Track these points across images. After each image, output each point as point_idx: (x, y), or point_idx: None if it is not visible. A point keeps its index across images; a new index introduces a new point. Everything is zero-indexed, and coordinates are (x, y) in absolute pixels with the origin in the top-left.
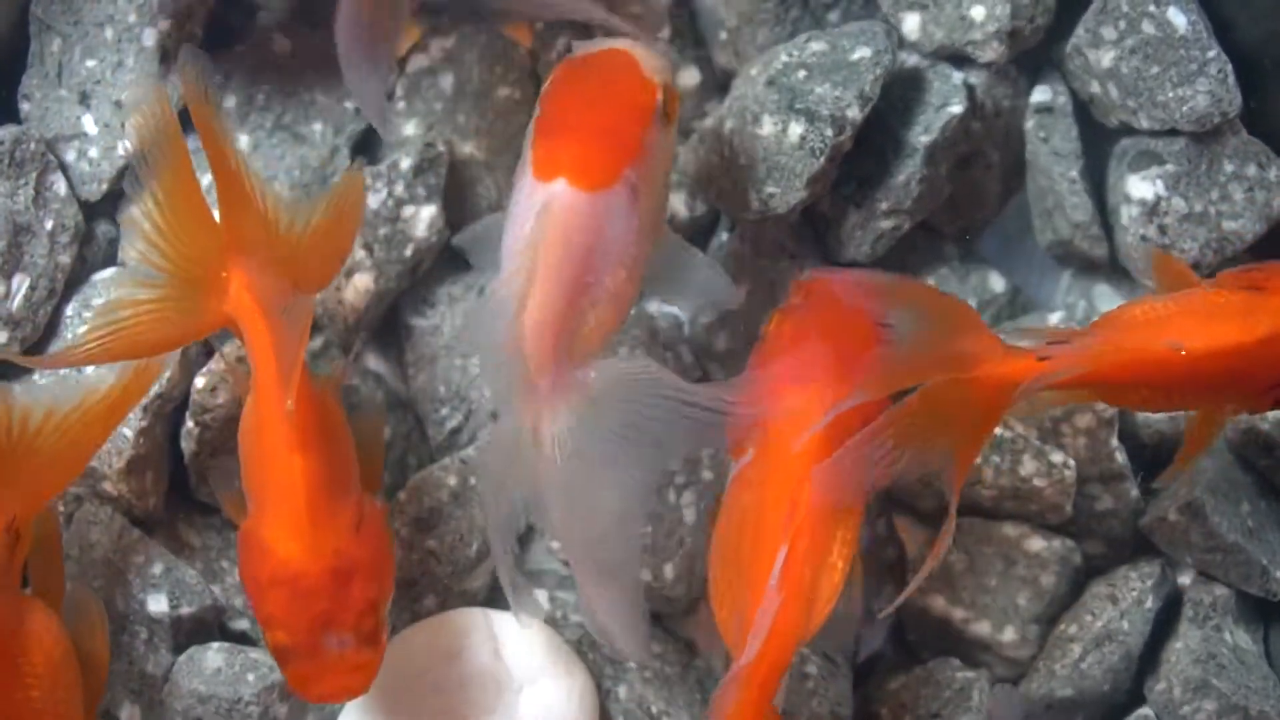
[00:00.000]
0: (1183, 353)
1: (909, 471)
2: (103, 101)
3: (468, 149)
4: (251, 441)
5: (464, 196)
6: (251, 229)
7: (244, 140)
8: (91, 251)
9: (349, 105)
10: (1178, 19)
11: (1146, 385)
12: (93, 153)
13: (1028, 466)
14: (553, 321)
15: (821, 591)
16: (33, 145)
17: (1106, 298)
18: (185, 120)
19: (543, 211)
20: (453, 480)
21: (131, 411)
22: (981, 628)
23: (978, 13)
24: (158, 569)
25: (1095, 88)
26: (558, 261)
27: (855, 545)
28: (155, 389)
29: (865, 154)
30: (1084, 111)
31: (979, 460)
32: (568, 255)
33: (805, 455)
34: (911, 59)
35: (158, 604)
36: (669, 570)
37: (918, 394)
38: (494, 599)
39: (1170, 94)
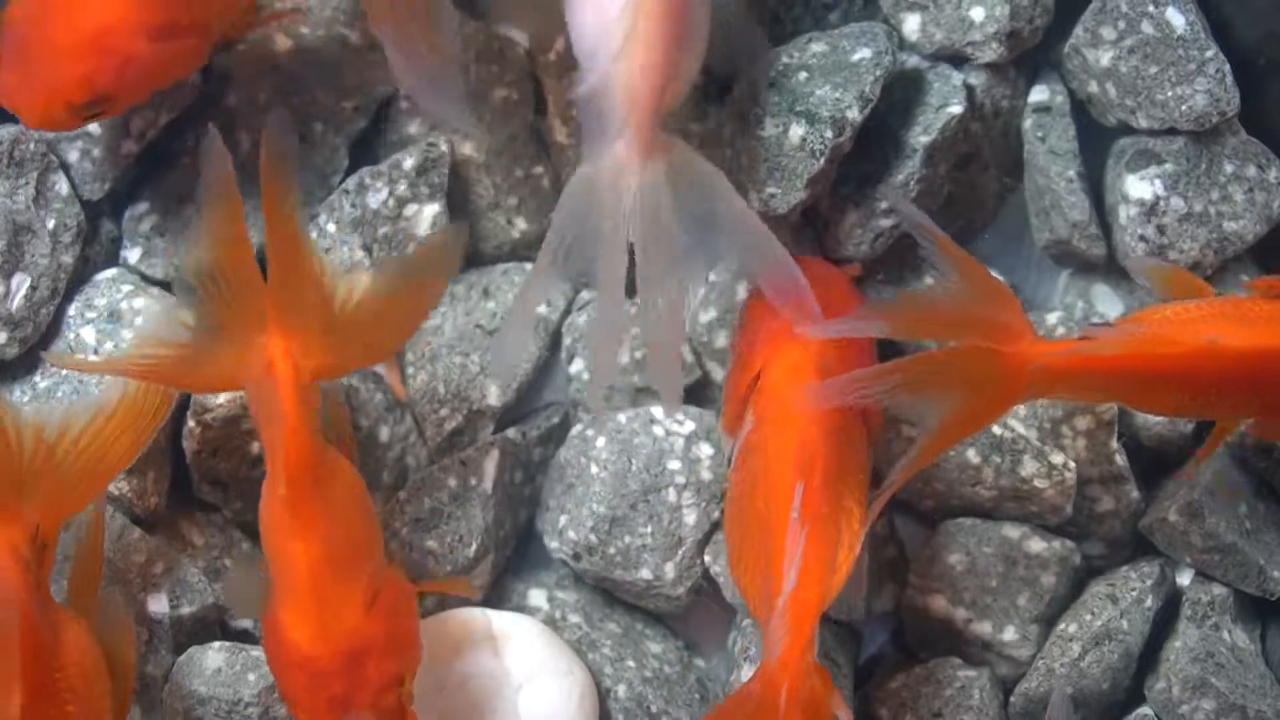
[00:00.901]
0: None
1: (899, 409)
2: None
3: (467, 149)
4: (264, 526)
5: (463, 197)
6: (297, 299)
7: (244, 140)
8: (94, 251)
9: (349, 105)
10: (1176, 19)
11: (1174, 385)
12: (96, 152)
13: (1028, 468)
14: (654, 78)
15: (844, 537)
16: (32, 145)
17: (1104, 297)
18: None
19: None
20: (453, 480)
21: (154, 433)
22: (982, 627)
23: (977, 14)
24: (158, 568)
25: (1093, 87)
26: (660, 20)
27: (867, 493)
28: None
29: (865, 154)
30: (1082, 111)
31: (979, 461)
32: (670, 14)
33: (804, 407)
34: (911, 60)
35: (158, 604)
36: (669, 569)
37: (946, 350)
38: (494, 599)
39: (1169, 93)
